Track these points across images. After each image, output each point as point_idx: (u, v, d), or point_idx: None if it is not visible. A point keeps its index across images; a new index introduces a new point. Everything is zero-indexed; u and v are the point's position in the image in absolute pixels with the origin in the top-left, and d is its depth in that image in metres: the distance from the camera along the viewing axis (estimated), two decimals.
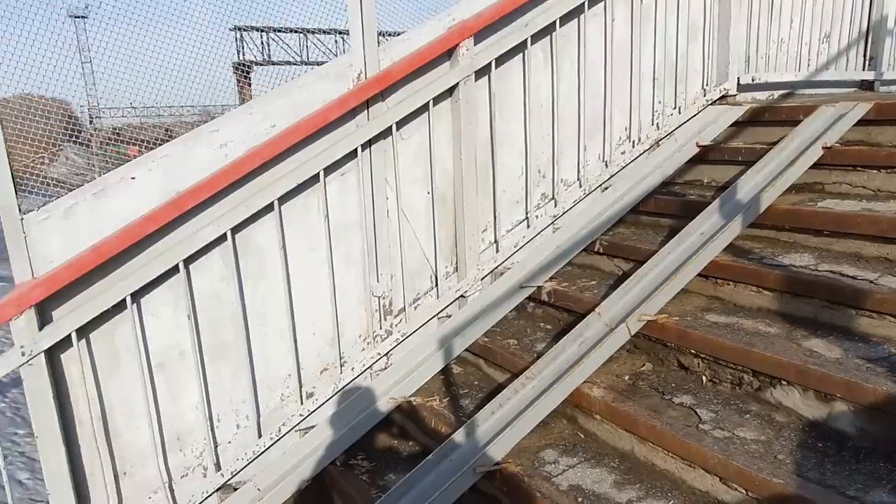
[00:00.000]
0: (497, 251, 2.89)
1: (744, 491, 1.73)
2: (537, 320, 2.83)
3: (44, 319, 2.03)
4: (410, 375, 2.63)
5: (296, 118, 2.31)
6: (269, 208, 2.31)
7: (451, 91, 2.64)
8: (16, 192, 1.95)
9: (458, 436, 2.14)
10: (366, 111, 2.46)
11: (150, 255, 2.14)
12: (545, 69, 2.88)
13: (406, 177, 2.62)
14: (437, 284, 2.78)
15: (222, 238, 2.24)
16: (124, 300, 2.11)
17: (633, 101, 3.17)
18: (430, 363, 2.67)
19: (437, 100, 2.61)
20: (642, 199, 3.12)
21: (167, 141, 2.24)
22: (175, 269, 2.18)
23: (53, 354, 2.07)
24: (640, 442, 2.02)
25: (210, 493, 2.37)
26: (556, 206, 3.01)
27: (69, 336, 2.05)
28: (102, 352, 2.16)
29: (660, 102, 3.28)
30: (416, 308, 2.74)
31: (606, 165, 3.13)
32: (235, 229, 2.26)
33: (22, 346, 1.97)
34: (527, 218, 2.97)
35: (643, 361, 2.38)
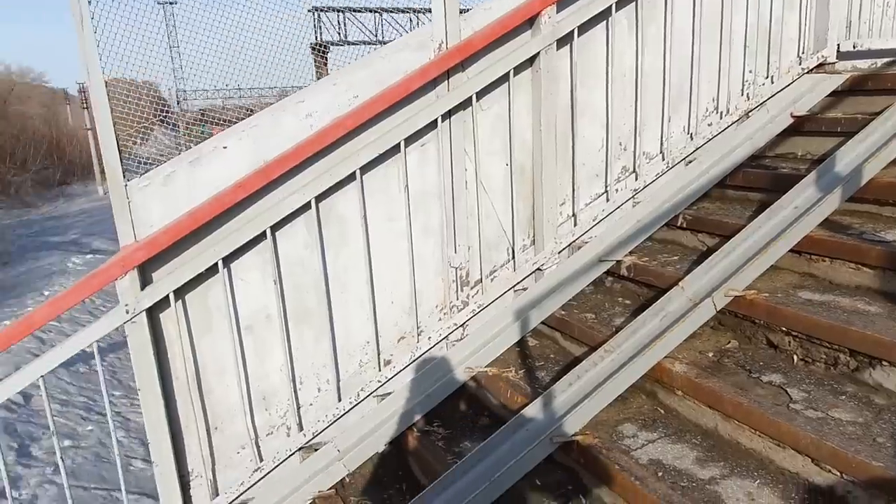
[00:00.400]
0: (575, 225, 2.84)
1: (838, 473, 1.66)
2: (615, 295, 2.78)
3: (145, 280, 2.16)
4: (486, 346, 2.64)
5: (378, 89, 2.34)
6: (351, 178, 2.36)
7: (531, 60, 2.60)
8: (121, 161, 2.07)
9: (535, 406, 2.14)
10: (446, 81, 2.46)
11: (240, 222, 2.23)
12: (629, 36, 2.79)
13: (484, 148, 2.62)
14: (513, 257, 2.77)
15: (307, 206, 2.31)
16: (216, 264, 2.22)
17: (721, 69, 3.02)
18: (506, 335, 2.68)
19: (518, 70, 2.57)
20: (729, 172, 2.99)
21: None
22: (262, 236, 2.26)
23: (153, 313, 2.20)
24: (725, 419, 1.96)
25: (293, 451, 2.47)
26: (636, 179, 2.93)
27: (167, 296, 2.17)
28: (196, 312, 2.28)
29: (751, 71, 3.12)
30: (492, 280, 2.75)
31: (691, 138, 3.01)
32: (319, 198, 2.32)
33: (126, 305, 2.11)
34: (606, 192, 2.91)
35: (728, 338, 2.30)
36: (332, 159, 2.31)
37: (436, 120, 2.45)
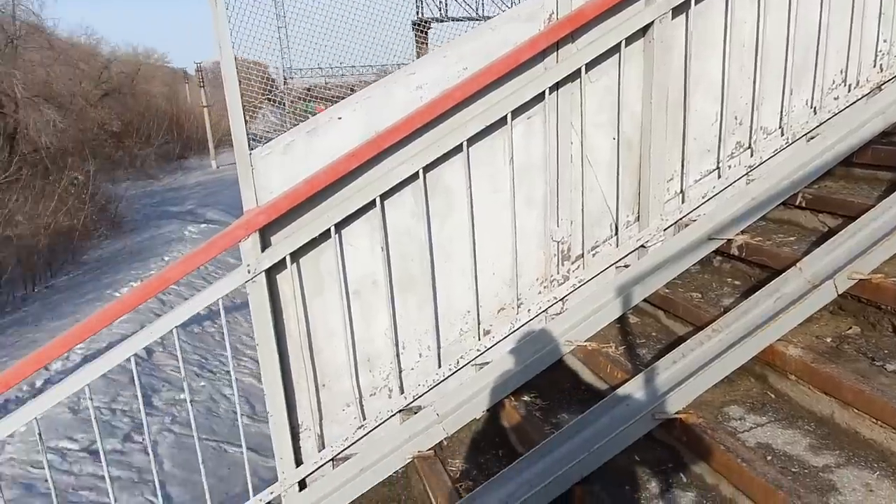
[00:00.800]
0: (683, 202, 2.75)
1: None
2: (724, 275, 2.68)
3: (265, 243, 2.31)
4: (586, 321, 2.63)
5: (487, 60, 2.36)
6: (458, 149, 2.40)
7: (644, 30, 2.52)
8: (247, 132, 2.22)
9: (636, 382, 2.12)
10: (555, 53, 2.44)
11: (352, 190, 2.33)
12: (750, 3, 2.64)
13: (591, 121, 2.58)
14: (616, 233, 2.73)
15: (414, 176, 2.38)
16: (329, 230, 2.33)
17: (851, 39, 2.81)
18: (607, 311, 2.65)
19: (630, 40, 2.51)
20: (857, 149, 2.78)
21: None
22: (372, 204, 2.36)
23: (271, 274, 2.35)
24: (843, 407, 1.87)
25: (393, 412, 2.58)
26: (752, 155, 2.79)
27: (284, 259, 2.32)
28: (309, 275, 2.42)
29: (885, 41, 2.88)
30: (594, 255, 2.72)
31: (815, 112, 2.83)
32: (427, 168, 2.38)
33: (248, 265, 2.27)
34: (718, 168, 2.79)
35: (849, 324, 2.17)
36: (440, 130, 2.36)
37: (543, 92, 2.43)
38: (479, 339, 2.62)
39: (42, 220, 14.85)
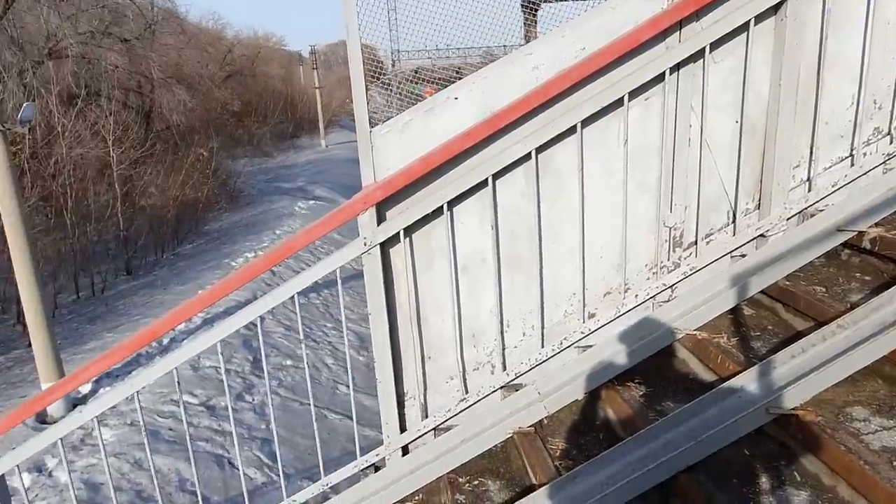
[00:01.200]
0: (809, 190, 2.60)
1: None
2: (852, 269, 2.51)
3: (380, 217, 2.42)
4: (696, 310, 2.56)
5: (606, 40, 2.32)
6: (571, 130, 2.39)
7: (776, 7, 2.39)
8: (369, 111, 2.32)
9: (750, 374, 2.05)
10: (678, 32, 2.36)
11: (465, 169, 2.39)
12: None
13: (713, 103, 2.48)
14: (734, 220, 2.62)
15: (527, 157, 2.40)
16: (441, 207, 2.41)
17: None
18: (719, 301, 2.57)
19: (759, 18, 2.38)
20: None
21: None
22: (484, 183, 2.41)
23: (385, 248, 2.46)
24: None
25: (495, 388, 2.64)
26: (891, 143, 2.58)
27: (398, 234, 2.42)
28: (420, 250, 2.51)
29: None
30: (707, 243, 2.63)
31: None
32: (539, 149, 2.39)
33: (365, 238, 2.39)
34: (851, 155, 2.61)
35: None
36: (554, 111, 2.37)
37: (663, 73, 2.37)
38: (584, 322, 2.62)
39: (171, 192, 16.13)
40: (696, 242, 2.62)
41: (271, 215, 19.33)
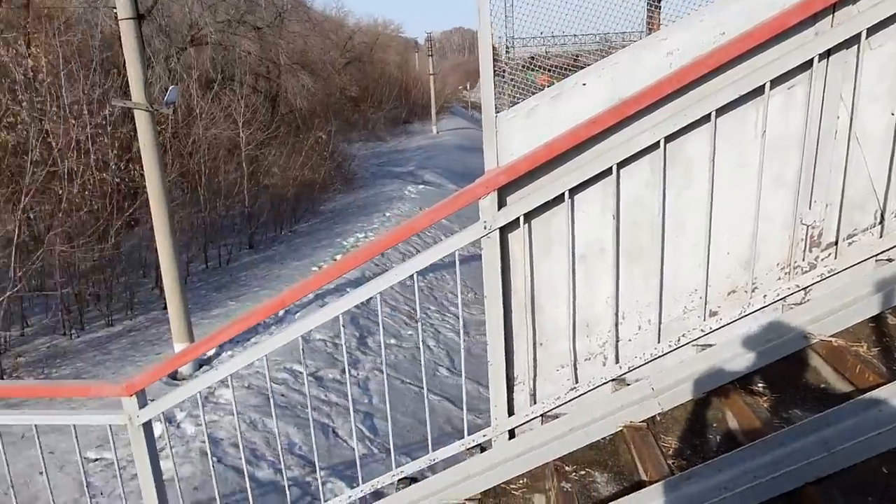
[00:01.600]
0: None
1: None
2: None
3: (501, 202, 2.44)
4: (833, 315, 2.39)
5: (747, 25, 2.20)
6: (704, 119, 2.29)
7: None
8: (495, 95, 2.35)
9: (894, 387, 1.90)
10: (831, 16, 2.20)
11: (590, 156, 2.36)
12: None
13: (866, 93, 2.29)
14: (881, 221, 2.42)
15: (654, 146, 2.33)
16: (563, 194, 2.39)
17: None
18: (860, 307, 2.38)
19: None
20: None
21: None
22: (608, 171, 2.36)
23: (504, 232, 2.48)
24: None
25: (606, 380, 2.61)
26: None
27: (517, 219, 2.43)
28: (538, 237, 2.52)
29: None
30: (849, 244, 2.44)
31: None
32: (668, 138, 2.32)
33: (485, 222, 2.43)
34: None
35: None
36: (687, 99, 2.28)
37: (811, 59, 2.22)
38: (704, 320, 2.52)
39: (291, 172, 17.03)
40: (836, 243, 2.44)
41: (382, 198, 19.93)
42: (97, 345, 10.09)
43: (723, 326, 2.51)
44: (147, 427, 2.80)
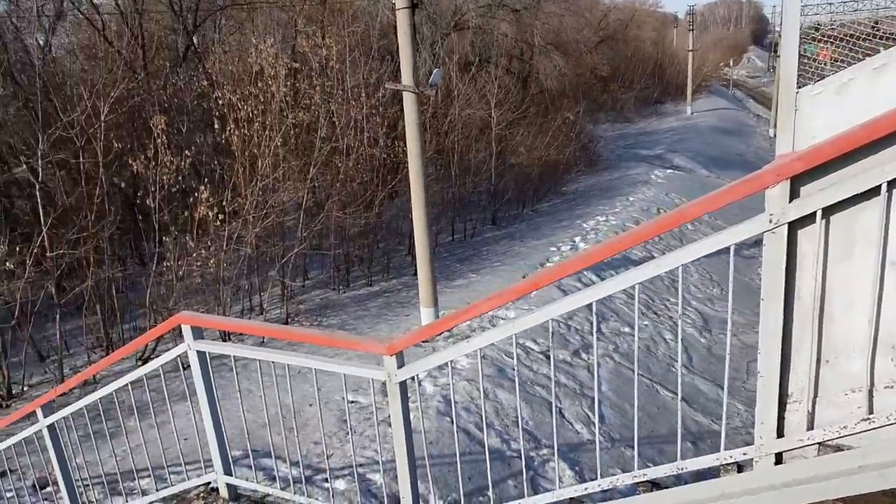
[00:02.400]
0: None
1: None
2: None
3: (793, 193, 2.12)
4: None
5: None
6: None
7: None
8: (798, 68, 2.02)
9: None
10: None
11: None
12: None
13: None
14: None
15: None
16: (878, 186, 1.99)
17: None
18: None
19: None
20: None
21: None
22: None
23: (792, 228, 2.15)
24: None
25: None
26: None
27: (813, 213, 2.09)
28: (838, 235, 2.13)
29: None
30: None
31: None
32: None
33: (771, 214, 2.12)
34: None
35: None
36: None
37: None
38: None
39: (537, 152, 17.25)
40: None
41: (626, 181, 19.22)
42: (358, 301, 11.41)
43: None
44: (402, 385, 3.03)
